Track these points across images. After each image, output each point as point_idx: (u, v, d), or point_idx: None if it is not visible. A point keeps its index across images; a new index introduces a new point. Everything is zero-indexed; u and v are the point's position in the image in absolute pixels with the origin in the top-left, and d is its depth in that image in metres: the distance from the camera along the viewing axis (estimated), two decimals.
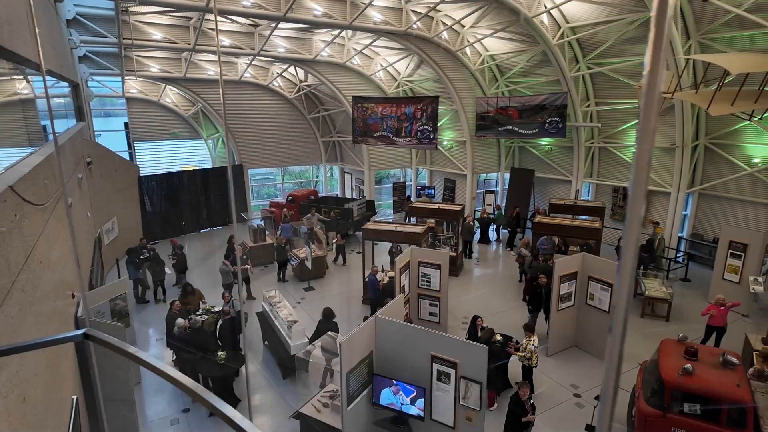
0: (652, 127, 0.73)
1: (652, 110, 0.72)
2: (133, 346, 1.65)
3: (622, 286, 0.80)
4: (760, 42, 12.09)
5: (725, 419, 6.22)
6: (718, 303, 9.55)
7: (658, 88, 0.71)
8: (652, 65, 0.70)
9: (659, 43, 0.68)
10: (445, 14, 16.30)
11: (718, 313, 9.51)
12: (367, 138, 17.29)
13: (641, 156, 0.74)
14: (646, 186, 0.77)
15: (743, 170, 13.98)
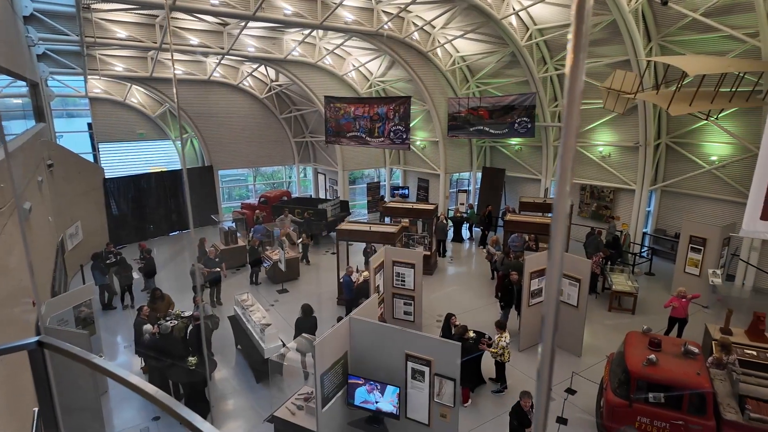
0: (575, 124, 0.75)
1: (575, 108, 0.75)
2: (92, 354, 1.60)
3: (552, 275, 0.83)
4: (715, 45, 12.66)
5: (687, 406, 6.49)
6: (680, 295, 9.95)
7: (579, 87, 0.74)
8: (572, 69, 0.73)
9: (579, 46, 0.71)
10: (416, 15, 16.41)
11: (679, 305, 9.91)
12: (340, 138, 17.24)
13: (566, 153, 0.77)
14: (570, 180, 0.80)
15: (702, 168, 14.60)
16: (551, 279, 0.82)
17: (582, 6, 0.69)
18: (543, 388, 0.86)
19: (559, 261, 0.80)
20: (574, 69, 0.71)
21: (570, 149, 0.75)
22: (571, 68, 0.71)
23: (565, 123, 0.75)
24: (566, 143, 0.75)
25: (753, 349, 8.88)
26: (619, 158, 16.56)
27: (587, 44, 0.72)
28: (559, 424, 7.92)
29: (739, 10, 11.53)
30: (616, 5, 12.40)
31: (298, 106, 23.63)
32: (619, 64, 14.06)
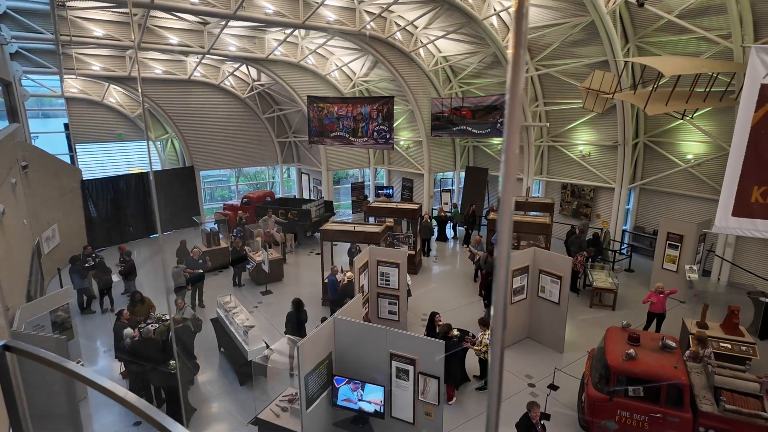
0: (516, 123, 0.78)
1: (516, 108, 0.77)
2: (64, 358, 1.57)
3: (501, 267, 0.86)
4: (690, 46, 12.96)
5: (665, 399, 6.64)
6: (658, 291, 10.17)
7: (520, 87, 0.76)
8: (513, 73, 0.75)
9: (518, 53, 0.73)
10: (398, 15, 16.44)
11: (657, 301, 10.13)
12: (324, 138, 17.17)
13: (510, 149, 0.79)
14: (514, 175, 0.82)
15: (678, 166, 14.94)
16: (499, 277, 0.85)
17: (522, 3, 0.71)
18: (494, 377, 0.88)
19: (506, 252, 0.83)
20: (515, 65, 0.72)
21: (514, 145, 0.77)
22: (512, 63, 0.73)
23: (507, 121, 0.77)
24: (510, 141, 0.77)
25: (728, 342, 9.15)
26: (599, 157, 16.85)
27: (527, 41, 0.74)
28: (542, 421, 8.01)
29: (712, 13, 11.83)
30: (594, 7, 12.60)
31: (281, 106, 23.46)
32: (598, 64, 14.30)
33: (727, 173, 4.89)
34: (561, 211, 18.42)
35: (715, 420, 6.46)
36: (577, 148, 17.37)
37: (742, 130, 4.58)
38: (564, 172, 18.23)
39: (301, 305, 9.73)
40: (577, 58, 15.23)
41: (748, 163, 4.62)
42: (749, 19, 11.21)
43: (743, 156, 4.62)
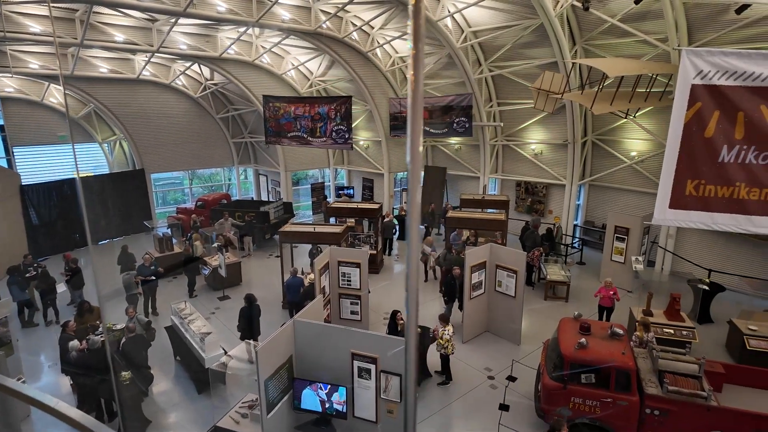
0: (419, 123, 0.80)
1: (418, 108, 0.79)
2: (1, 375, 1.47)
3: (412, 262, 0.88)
4: (632, 49, 13.67)
5: (614, 385, 6.98)
6: (607, 285, 10.58)
7: (420, 90, 0.80)
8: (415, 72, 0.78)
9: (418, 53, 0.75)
10: (354, 15, 16.43)
11: (606, 295, 10.54)
12: (281, 138, 16.89)
13: (414, 147, 0.82)
14: (419, 174, 0.85)
15: (624, 163, 15.75)
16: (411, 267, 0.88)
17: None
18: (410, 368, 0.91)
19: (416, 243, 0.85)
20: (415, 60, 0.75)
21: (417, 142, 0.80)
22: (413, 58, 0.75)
23: (411, 119, 0.80)
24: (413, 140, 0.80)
25: (670, 327, 9.73)
26: (551, 155, 17.49)
27: (424, 35, 0.77)
28: (501, 411, 8.25)
29: (651, 17, 12.54)
30: (543, 10, 13.07)
31: (236, 106, 22.92)
32: (548, 65, 14.84)
33: (663, 168, 5.20)
34: (516, 207, 19.00)
35: (660, 401, 6.86)
36: (530, 147, 17.96)
37: (675, 128, 4.89)
38: (518, 170, 18.81)
39: (253, 300, 9.85)
40: (528, 60, 15.75)
41: (682, 159, 4.95)
42: (683, 24, 11.96)
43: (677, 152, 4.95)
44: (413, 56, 0.72)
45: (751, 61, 4.50)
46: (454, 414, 8.38)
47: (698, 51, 4.76)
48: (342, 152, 23.62)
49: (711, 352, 9.80)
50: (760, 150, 4.70)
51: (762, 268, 12.77)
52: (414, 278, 0.88)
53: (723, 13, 11.31)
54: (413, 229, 0.83)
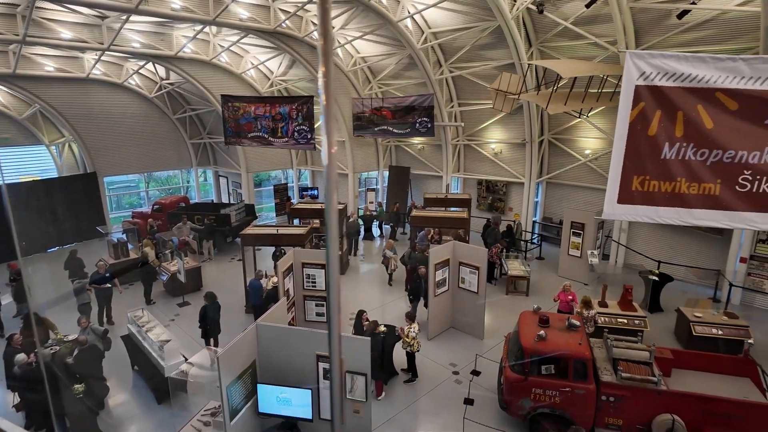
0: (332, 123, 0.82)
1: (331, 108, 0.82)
2: None
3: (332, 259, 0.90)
4: (584, 51, 14.22)
5: (572, 374, 7.24)
6: (565, 290, 10.50)
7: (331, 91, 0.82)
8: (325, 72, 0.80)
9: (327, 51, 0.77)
10: (314, 14, 16.30)
11: (564, 300, 10.37)
12: (241, 139, 16.53)
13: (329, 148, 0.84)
14: (335, 172, 0.87)
15: (579, 161, 16.36)
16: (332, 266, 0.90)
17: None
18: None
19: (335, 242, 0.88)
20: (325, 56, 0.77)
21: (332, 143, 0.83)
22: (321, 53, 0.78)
23: (326, 120, 0.82)
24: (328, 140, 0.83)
25: (624, 317, 10.20)
26: (510, 154, 17.96)
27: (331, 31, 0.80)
28: (466, 406, 8.41)
29: (601, 21, 13.09)
30: (500, 12, 13.40)
31: (194, 106, 22.27)
32: (505, 67, 15.23)
33: (611, 165, 5.46)
34: (478, 206, 19.40)
35: (615, 388, 7.17)
36: (490, 147, 18.37)
37: (621, 126, 5.15)
38: (479, 169, 19.20)
39: (214, 298, 9.94)
40: (486, 61, 16.10)
41: (628, 156, 5.22)
42: (631, 28, 12.54)
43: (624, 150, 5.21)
44: (322, 54, 0.74)
45: (687, 63, 4.80)
46: (421, 411, 8.46)
47: (641, 53, 5.03)
48: (305, 153, 23.39)
49: (661, 339, 10.33)
50: (698, 147, 5.02)
51: (705, 258, 13.58)
52: (335, 265, 0.88)
53: (666, 17, 11.95)
54: (332, 229, 0.84)
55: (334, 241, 0.89)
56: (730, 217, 5.18)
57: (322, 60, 0.75)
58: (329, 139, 0.80)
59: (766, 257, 12.08)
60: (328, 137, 0.79)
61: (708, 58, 4.78)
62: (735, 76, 4.75)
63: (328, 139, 0.80)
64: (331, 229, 0.88)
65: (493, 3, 13.18)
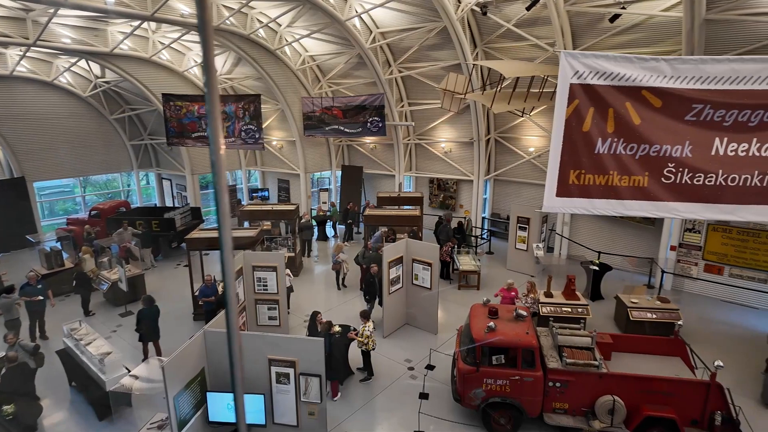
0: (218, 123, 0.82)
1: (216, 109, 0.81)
2: None
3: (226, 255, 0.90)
4: (526, 52, 14.78)
5: (521, 363, 7.52)
6: (508, 287, 10.77)
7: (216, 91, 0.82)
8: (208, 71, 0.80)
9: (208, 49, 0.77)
10: (259, 12, 15.94)
11: (507, 296, 10.62)
12: (185, 139, 15.89)
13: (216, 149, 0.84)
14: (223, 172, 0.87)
15: (523, 158, 17.00)
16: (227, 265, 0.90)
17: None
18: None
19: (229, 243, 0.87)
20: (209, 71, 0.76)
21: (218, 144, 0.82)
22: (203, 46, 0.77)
23: (210, 120, 0.82)
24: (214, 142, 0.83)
25: (568, 306, 10.70)
26: (459, 153, 18.37)
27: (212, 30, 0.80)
28: (421, 400, 8.52)
29: (541, 23, 13.65)
30: (446, 13, 13.68)
31: (133, 105, 21.16)
32: (452, 67, 15.56)
33: (550, 160, 5.72)
34: (430, 203, 19.71)
35: (560, 374, 7.51)
36: (440, 145, 18.72)
37: (558, 123, 5.42)
38: (430, 167, 19.52)
39: (152, 301, 9.78)
40: (434, 61, 16.38)
41: (565, 151, 5.50)
42: (568, 30, 13.17)
43: (561, 145, 5.48)
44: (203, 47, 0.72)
45: (616, 63, 5.12)
46: (377, 408, 8.49)
47: (574, 53, 5.30)
48: (254, 153, 22.83)
49: (602, 325, 10.94)
50: (627, 142, 5.37)
51: (640, 247, 14.51)
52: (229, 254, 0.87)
53: (600, 21, 12.64)
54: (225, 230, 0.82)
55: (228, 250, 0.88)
56: (657, 207, 5.57)
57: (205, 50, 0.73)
58: (216, 141, 0.78)
59: (693, 245, 13.08)
60: (214, 139, 0.77)
61: (634, 58, 5.11)
62: (658, 76, 5.12)
63: (215, 141, 0.78)
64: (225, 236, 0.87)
65: (438, 4, 13.43)
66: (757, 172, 5.35)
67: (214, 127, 0.75)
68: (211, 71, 0.74)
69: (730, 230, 12.42)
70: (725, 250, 12.59)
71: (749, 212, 5.58)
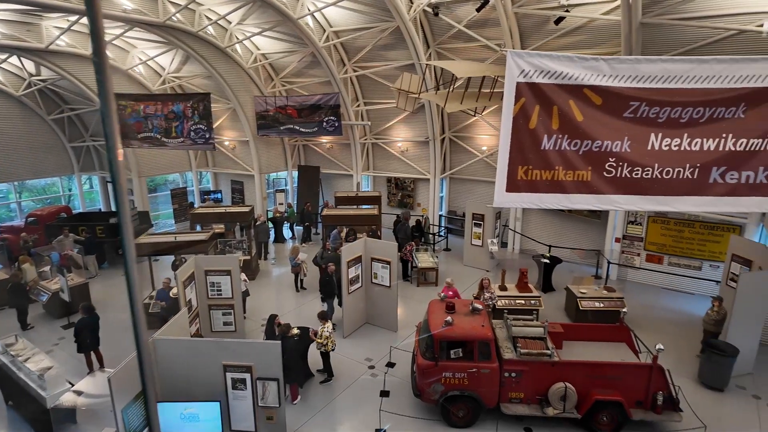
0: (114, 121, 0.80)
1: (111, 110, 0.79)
2: None
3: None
4: (477, 53, 15.13)
5: (477, 355, 7.68)
6: (448, 285, 10.65)
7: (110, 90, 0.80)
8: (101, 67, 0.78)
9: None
10: (208, 8, 15.45)
11: (448, 296, 10.28)
12: (130, 140, 15.15)
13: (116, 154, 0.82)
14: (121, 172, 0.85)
15: (477, 156, 17.40)
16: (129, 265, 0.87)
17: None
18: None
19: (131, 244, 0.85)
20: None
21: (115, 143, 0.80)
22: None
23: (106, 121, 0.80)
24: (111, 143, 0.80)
25: (521, 298, 11.05)
26: (415, 152, 18.57)
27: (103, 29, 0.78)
28: (382, 398, 8.54)
29: (490, 25, 14.01)
30: (398, 13, 13.78)
31: (72, 105, 19.96)
32: (406, 67, 15.70)
33: (499, 157, 5.90)
34: (388, 202, 19.80)
35: (515, 364, 7.74)
36: (397, 145, 18.85)
37: (506, 121, 5.60)
38: (388, 166, 19.61)
39: (92, 309, 9.35)
40: (388, 61, 16.47)
41: (513, 148, 5.69)
42: (516, 31, 13.60)
43: (509, 142, 5.67)
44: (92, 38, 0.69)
45: (559, 62, 5.34)
46: (338, 409, 8.44)
47: (520, 53, 5.49)
48: (205, 154, 22.09)
49: (553, 316, 11.36)
50: (571, 138, 5.63)
51: (587, 240, 15.20)
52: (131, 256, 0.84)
53: (546, 23, 13.13)
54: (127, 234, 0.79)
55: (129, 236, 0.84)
56: (600, 200, 5.87)
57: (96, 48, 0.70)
58: (115, 144, 0.75)
59: (635, 236, 13.85)
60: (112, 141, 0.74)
61: (576, 57, 5.36)
62: (598, 75, 5.39)
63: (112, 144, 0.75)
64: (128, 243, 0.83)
65: (391, 4, 13.51)
66: (689, 165, 5.75)
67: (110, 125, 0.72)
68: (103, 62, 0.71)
69: (668, 221, 13.24)
70: (664, 240, 13.41)
71: (682, 203, 5.98)
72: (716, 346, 8.84)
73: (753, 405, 8.51)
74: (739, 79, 5.42)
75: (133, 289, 0.86)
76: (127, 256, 0.81)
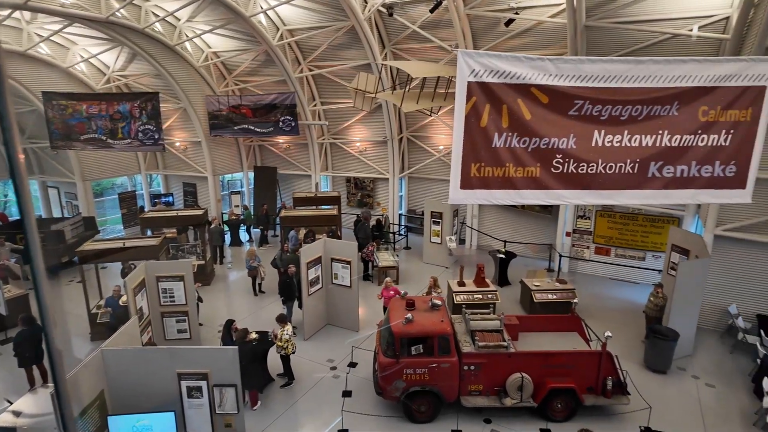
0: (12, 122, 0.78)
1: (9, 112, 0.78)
2: None
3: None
4: (432, 53, 15.35)
5: (437, 350, 7.80)
6: (387, 286, 10.65)
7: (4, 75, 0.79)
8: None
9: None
10: (155, 4, 14.83)
11: (387, 296, 10.29)
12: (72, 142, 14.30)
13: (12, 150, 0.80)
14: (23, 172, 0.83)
15: (434, 155, 17.66)
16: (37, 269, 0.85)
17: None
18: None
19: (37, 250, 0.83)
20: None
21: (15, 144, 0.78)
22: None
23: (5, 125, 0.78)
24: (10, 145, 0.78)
25: (479, 293, 11.32)
26: (374, 151, 18.62)
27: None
28: (344, 398, 8.51)
29: (444, 26, 14.26)
30: (353, 13, 13.76)
31: None
32: (362, 66, 15.71)
33: (452, 155, 6.03)
34: (348, 202, 19.74)
35: (474, 357, 7.92)
36: (355, 144, 18.83)
37: (459, 119, 5.72)
38: (347, 166, 19.55)
39: (33, 320, 8.80)
40: (344, 60, 16.42)
41: (466, 146, 5.83)
42: (468, 33, 13.91)
43: (462, 140, 5.80)
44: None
45: (507, 62, 5.53)
46: (300, 412, 8.34)
47: (470, 53, 5.63)
48: (155, 155, 21.18)
49: (509, 309, 11.71)
50: (521, 136, 5.83)
51: (540, 235, 15.74)
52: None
53: (497, 25, 13.51)
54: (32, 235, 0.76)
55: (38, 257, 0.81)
56: (548, 195, 6.11)
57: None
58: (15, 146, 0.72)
59: (584, 230, 14.49)
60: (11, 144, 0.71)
61: (523, 57, 5.55)
62: (544, 74, 5.61)
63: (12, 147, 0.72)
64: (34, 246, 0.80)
65: (345, 3, 13.48)
66: (629, 160, 6.09)
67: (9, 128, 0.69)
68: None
69: (614, 215, 13.94)
70: (611, 233, 14.12)
71: (624, 197, 6.32)
72: (659, 331, 9.40)
73: (693, 385, 9.12)
74: (672, 79, 5.79)
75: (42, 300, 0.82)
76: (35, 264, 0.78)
